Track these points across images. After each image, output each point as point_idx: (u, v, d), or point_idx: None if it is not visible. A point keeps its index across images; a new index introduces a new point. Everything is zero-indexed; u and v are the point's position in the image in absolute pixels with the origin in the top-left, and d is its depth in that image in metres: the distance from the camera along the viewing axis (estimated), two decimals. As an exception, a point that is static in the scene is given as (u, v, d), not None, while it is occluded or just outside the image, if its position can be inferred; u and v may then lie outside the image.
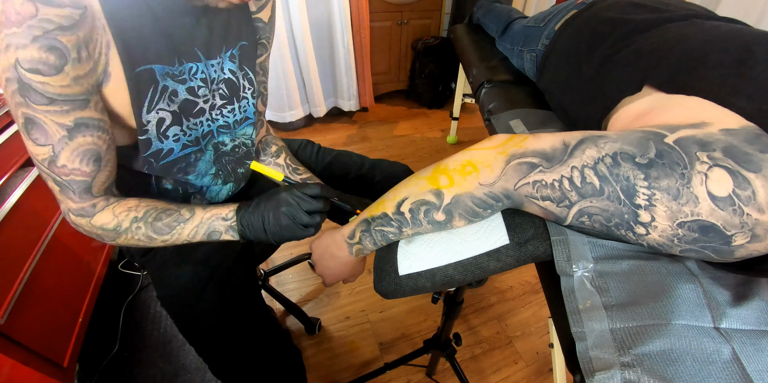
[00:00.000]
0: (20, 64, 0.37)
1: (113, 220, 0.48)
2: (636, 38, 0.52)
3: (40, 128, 0.40)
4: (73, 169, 0.44)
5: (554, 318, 0.45)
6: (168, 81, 0.50)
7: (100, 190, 0.48)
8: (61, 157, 0.42)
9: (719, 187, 0.29)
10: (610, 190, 0.33)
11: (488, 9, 1.30)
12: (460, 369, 0.98)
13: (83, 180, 0.45)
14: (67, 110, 0.41)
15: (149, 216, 0.49)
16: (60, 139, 0.41)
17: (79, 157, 0.44)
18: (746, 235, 0.29)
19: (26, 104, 0.39)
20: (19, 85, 0.38)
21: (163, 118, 0.51)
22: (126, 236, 0.49)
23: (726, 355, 0.31)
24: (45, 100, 0.39)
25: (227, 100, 0.59)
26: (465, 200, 0.41)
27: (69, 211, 0.48)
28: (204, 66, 0.54)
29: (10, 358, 0.72)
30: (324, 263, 0.54)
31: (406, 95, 2.70)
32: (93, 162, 0.45)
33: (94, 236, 0.50)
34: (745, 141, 0.30)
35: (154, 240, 0.49)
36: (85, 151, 0.44)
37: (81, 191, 0.46)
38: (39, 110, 0.39)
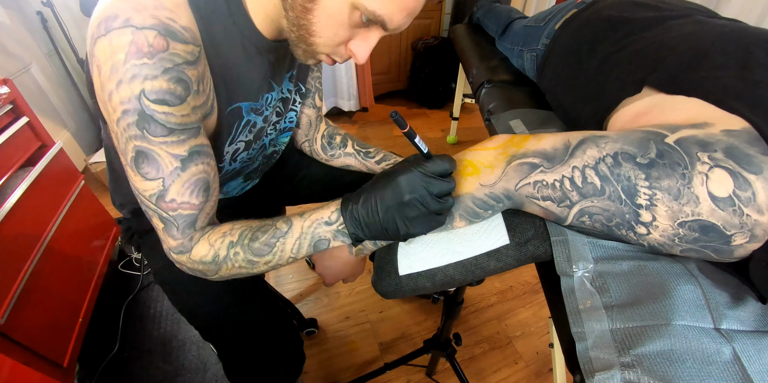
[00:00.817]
0: (146, 95, 0.36)
1: (210, 250, 0.44)
2: (637, 37, 0.52)
3: (152, 161, 0.39)
4: (182, 202, 0.42)
5: (554, 318, 0.45)
6: (251, 115, 0.52)
7: (204, 222, 0.45)
8: (171, 190, 0.40)
9: (720, 188, 0.29)
10: (611, 189, 0.33)
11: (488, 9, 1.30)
12: (460, 369, 0.98)
13: (190, 213, 0.43)
14: (183, 140, 0.40)
15: (245, 238, 0.44)
16: (172, 171, 0.40)
17: (189, 189, 0.42)
18: (745, 235, 0.30)
19: (142, 137, 0.38)
20: (139, 117, 0.37)
21: (239, 148, 0.54)
22: (227, 266, 0.44)
23: (726, 356, 0.31)
24: (165, 130, 0.38)
25: (280, 116, 0.61)
26: (465, 200, 0.41)
27: (170, 250, 0.45)
28: (276, 93, 0.56)
29: (10, 358, 0.72)
30: (324, 262, 0.54)
31: (406, 95, 2.70)
32: (203, 192, 0.43)
33: (199, 274, 0.46)
34: (747, 142, 0.30)
35: (256, 264, 0.44)
36: (196, 180, 0.42)
37: (185, 226, 0.43)
38: (155, 142, 0.38)
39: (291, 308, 1.16)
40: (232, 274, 0.45)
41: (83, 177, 1.15)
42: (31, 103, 1.03)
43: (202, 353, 1.08)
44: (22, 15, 1.64)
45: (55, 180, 1.03)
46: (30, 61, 1.64)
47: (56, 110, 1.76)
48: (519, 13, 1.17)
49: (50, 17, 1.67)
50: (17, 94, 0.97)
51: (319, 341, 1.15)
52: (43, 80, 1.69)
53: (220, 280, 0.47)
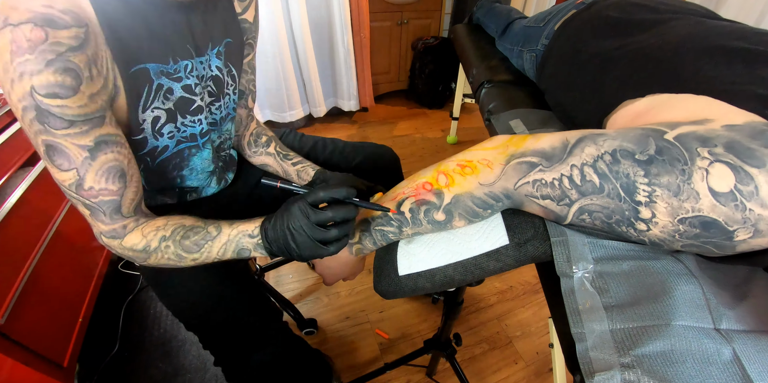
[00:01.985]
0: (36, 91, 0.36)
1: (142, 241, 0.47)
2: (638, 37, 0.52)
3: (62, 153, 0.40)
4: (101, 189, 0.43)
5: (554, 319, 0.45)
6: (163, 79, 0.50)
7: (129, 209, 0.47)
8: (86, 179, 0.42)
9: (720, 183, 0.29)
10: (610, 187, 0.33)
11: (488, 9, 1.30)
12: (460, 369, 0.98)
13: (112, 199, 0.45)
14: (86, 130, 0.40)
15: (177, 235, 0.47)
16: (83, 160, 0.41)
17: (104, 177, 0.43)
18: (749, 231, 0.29)
19: (45, 131, 0.38)
20: (36, 113, 0.37)
21: (158, 116, 0.51)
22: (156, 256, 0.47)
23: (726, 356, 0.31)
24: (64, 123, 0.39)
25: (215, 98, 0.59)
26: (465, 200, 0.41)
27: (101, 234, 0.47)
28: (197, 63, 0.54)
29: (10, 358, 0.72)
30: (324, 262, 0.54)
31: (406, 95, 2.70)
32: (118, 178, 0.44)
33: (126, 258, 0.49)
34: (749, 136, 0.29)
35: (184, 259, 0.47)
36: (108, 168, 0.43)
37: (111, 212, 0.45)
38: (59, 135, 0.39)
39: (291, 308, 1.16)
40: (159, 263, 0.48)
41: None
42: (31, 103, 1.03)
43: (202, 353, 1.08)
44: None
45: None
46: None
47: (56, 110, 1.76)
48: (519, 13, 1.17)
49: (50, 17, 1.67)
50: (17, 94, 0.97)
51: (319, 341, 1.15)
52: (43, 80, 1.69)
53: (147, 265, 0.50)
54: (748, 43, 0.39)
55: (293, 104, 2.15)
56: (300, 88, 2.14)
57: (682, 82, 0.39)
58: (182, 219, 0.49)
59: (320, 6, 1.93)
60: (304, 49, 1.99)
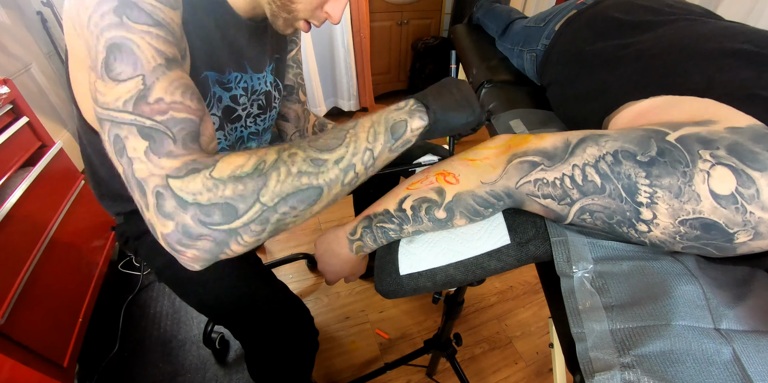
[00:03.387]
0: None
1: (251, 158, 0.31)
2: (642, 37, 0.52)
3: (129, 55, 0.30)
4: (174, 102, 0.31)
5: (554, 319, 0.45)
6: (217, 87, 0.53)
7: (209, 146, 0.34)
8: (155, 88, 0.30)
9: (722, 185, 0.29)
10: (612, 187, 0.33)
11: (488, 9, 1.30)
12: (461, 369, 0.98)
13: (188, 118, 0.31)
14: (170, 41, 0.33)
15: (302, 142, 0.34)
16: (156, 67, 0.31)
17: (180, 90, 0.32)
18: (749, 233, 0.29)
19: (120, 24, 0.30)
20: (119, 3, 0.31)
21: (213, 122, 0.52)
22: (278, 174, 0.30)
23: (726, 356, 0.31)
24: (150, 20, 0.31)
25: (263, 110, 0.63)
26: (466, 198, 0.41)
27: (168, 179, 0.29)
28: (249, 77, 0.57)
29: (10, 358, 0.72)
30: (325, 260, 0.54)
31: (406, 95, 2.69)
32: (198, 100, 0.33)
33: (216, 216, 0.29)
34: (751, 139, 0.29)
35: (323, 164, 0.32)
36: (186, 84, 0.33)
37: (186, 136, 0.31)
38: (137, 30, 0.31)
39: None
40: (284, 193, 0.30)
41: (83, 177, 1.15)
42: (31, 103, 1.03)
43: (202, 353, 1.08)
44: (22, 15, 1.64)
45: (55, 180, 1.03)
46: (30, 61, 1.64)
47: (56, 110, 1.76)
48: (519, 13, 1.17)
49: (50, 17, 1.67)
50: (17, 94, 0.97)
51: (320, 341, 1.14)
52: (43, 80, 1.69)
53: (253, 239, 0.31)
54: (754, 46, 0.39)
55: (293, 104, 2.15)
56: (300, 88, 2.14)
57: (687, 85, 0.39)
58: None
59: (320, 6, 1.94)
60: (305, 49, 1.99)
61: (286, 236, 1.50)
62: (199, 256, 0.30)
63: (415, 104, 0.42)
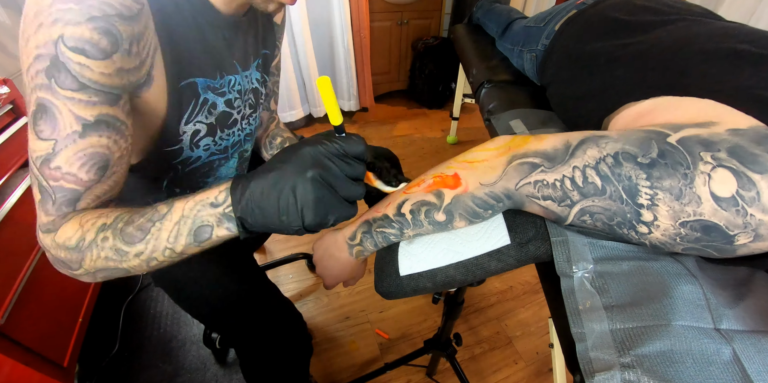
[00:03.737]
0: (64, 41, 0.32)
1: (77, 232, 0.36)
2: (643, 37, 0.52)
3: (50, 118, 0.34)
4: (67, 173, 0.36)
5: (554, 319, 0.45)
6: (209, 94, 0.50)
7: (89, 205, 0.39)
8: (59, 156, 0.35)
9: (722, 188, 0.29)
10: (612, 189, 0.33)
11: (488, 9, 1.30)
12: (461, 369, 0.98)
13: (72, 188, 0.37)
14: (94, 102, 0.35)
15: (119, 221, 0.36)
16: (69, 135, 0.35)
17: (80, 161, 0.36)
18: (749, 235, 0.29)
19: (48, 87, 0.33)
20: (50, 63, 0.33)
21: (199, 130, 0.51)
22: (91, 255, 0.36)
23: (726, 356, 0.31)
24: (75, 84, 0.34)
25: (253, 109, 0.61)
26: (466, 200, 0.41)
27: (39, 228, 0.38)
28: (240, 77, 0.55)
29: (10, 358, 0.72)
30: (324, 264, 0.54)
31: (406, 95, 2.70)
32: (97, 169, 0.38)
33: (60, 265, 0.39)
34: (753, 141, 0.29)
35: (125, 255, 0.36)
36: (92, 153, 0.36)
37: (62, 202, 0.37)
38: (60, 96, 0.34)
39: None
40: (97, 268, 0.37)
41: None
42: (31, 103, 1.03)
43: (202, 353, 1.08)
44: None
45: (55, 180, 1.03)
46: (30, 61, 1.64)
47: (56, 110, 1.76)
48: (519, 13, 1.17)
49: (50, 17, 1.67)
50: (17, 94, 0.97)
51: (320, 341, 1.15)
52: (43, 80, 1.69)
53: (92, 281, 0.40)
54: (754, 46, 0.39)
55: (293, 104, 2.15)
56: (300, 87, 2.14)
57: (688, 86, 0.39)
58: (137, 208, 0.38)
59: (320, 6, 1.93)
60: (304, 49, 1.99)
61: (285, 236, 1.50)
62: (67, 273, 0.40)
63: (229, 207, 0.35)
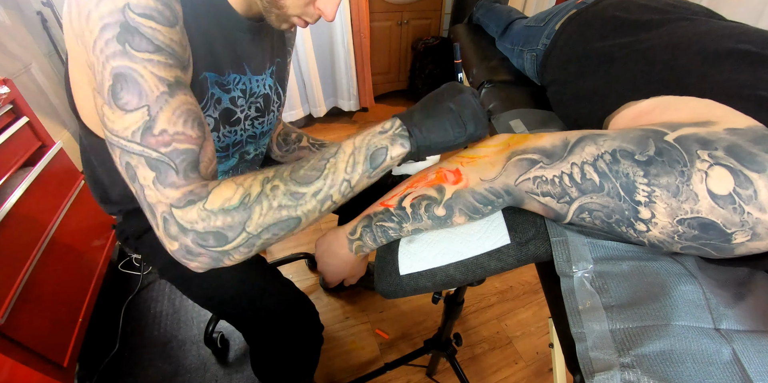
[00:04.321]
0: (131, 8, 0.33)
1: (237, 190, 0.34)
2: (643, 37, 0.52)
3: (134, 85, 0.33)
4: (176, 133, 0.34)
5: (554, 319, 0.45)
6: (216, 89, 0.51)
7: (208, 170, 0.37)
8: (159, 119, 0.33)
9: (719, 186, 0.29)
10: (610, 186, 0.33)
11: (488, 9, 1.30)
12: (461, 369, 0.98)
13: (189, 148, 0.34)
14: (171, 64, 0.35)
15: (284, 171, 0.37)
16: (159, 96, 0.33)
17: (182, 118, 0.34)
18: (746, 234, 0.29)
19: (123, 53, 0.32)
20: (121, 30, 0.32)
21: (208, 124, 0.52)
22: (261, 208, 0.34)
23: (726, 356, 0.31)
24: (151, 46, 0.33)
25: (260, 113, 0.62)
26: (466, 195, 0.41)
27: (172, 208, 0.33)
28: (247, 79, 0.56)
29: (10, 358, 0.72)
30: (325, 260, 0.54)
31: (406, 95, 2.70)
32: (198, 125, 0.36)
33: (211, 241, 0.34)
34: (751, 140, 0.30)
35: (302, 197, 0.35)
36: (188, 110, 0.35)
37: (187, 166, 0.34)
38: (138, 59, 0.33)
39: None
40: (266, 224, 0.35)
41: (83, 177, 1.15)
42: (31, 103, 1.03)
43: (202, 353, 1.08)
44: (22, 15, 1.64)
45: (55, 180, 1.03)
46: (30, 61, 1.64)
47: (56, 110, 1.76)
48: (519, 13, 1.17)
49: (50, 17, 1.67)
50: (17, 94, 0.97)
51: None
52: (43, 80, 1.69)
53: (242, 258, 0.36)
54: (755, 46, 0.39)
55: (293, 104, 2.15)
56: (300, 88, 2.14)
57: (688, 86, 0.39)
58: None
59: (320, 6, 1.93)
60: (304, 49, 1.99)
61: (286, 236, 1.51)
62: (200, 266, 0.36)
63: (399, 128, 0.39)
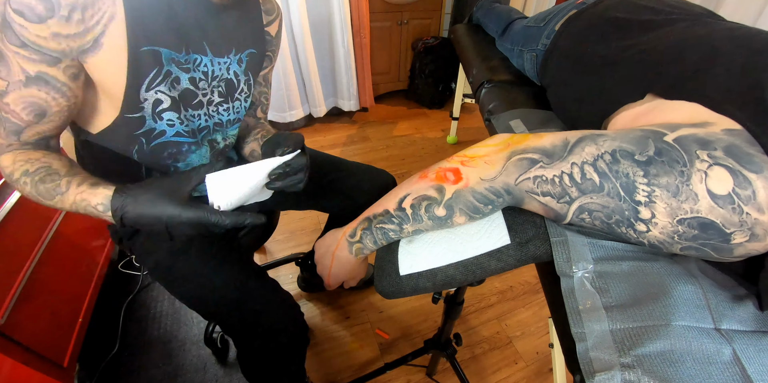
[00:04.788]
0: (10, 3, 0.38)
1: (10, 167, 0.46)
2: (642, 39, 0.52)
3: (5, 64, 0.41)
4: (12, 110, 0.44)
5: (554, 319, 0.45)
6: (172, 66, 0.51)
7: (30, 138, 0.48)
8: (9, 95, 0.43)
9: (719, 186, 0.29)
10: (610, 186, 0.33)
11: (488, 9, 1.30)
12: (461, 369, 0.98)
13: (15, 123, 0.45)
14: (33, 59, 0.41)
15: (37, 175, 0.46)
16: (16, 81, 0.42)
17: (21, 105, 0.44)
18: (745, 234, 0.30)
19: (1, 39, 0.40)
20: (2, 20, 0.39)
21: (160, 100, 0.52)
22: (19, 187, 0.46)
23: (726, 356, 0.31)
24: (18, 42, 0.40)
25: (224, 99, 0.61)
26: (466, 195, 0.41)
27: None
28: (209, 61, 0.56)
29: (10, 358, 0.72)
30: (325, 263, 0.54)
31: (406, 95, 2.70)
32: (35, 115, 0.45)
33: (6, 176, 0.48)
34: (748, 141, 0.30)
35: (41, 201, 0.46)
36: (32, 102, 0.44)
37: (9, 131, 0.46)
38: (10, 49, 0.40)
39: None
40: (26, 194, 0.46)
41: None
42: (31, 103, 1.03)
43: (202, 353, 1.08)
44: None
45: (55, 180, 1.03)
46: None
47: (56, 110, 1.76)
48: (519, 13, 1.17)
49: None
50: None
51: (320, 341, 1.15)
52: (43, 80, 1.69)
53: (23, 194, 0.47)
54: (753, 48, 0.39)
55: (293, 104, 2.15)
56: (300, 88, 2.14)
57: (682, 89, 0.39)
58: (56, 160, 0.48)
59: (320, 6, 1.93)
60: (304, 49, 1.99)
61: (285, 236, 1.50)
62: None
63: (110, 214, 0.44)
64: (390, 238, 0.47)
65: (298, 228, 1.54)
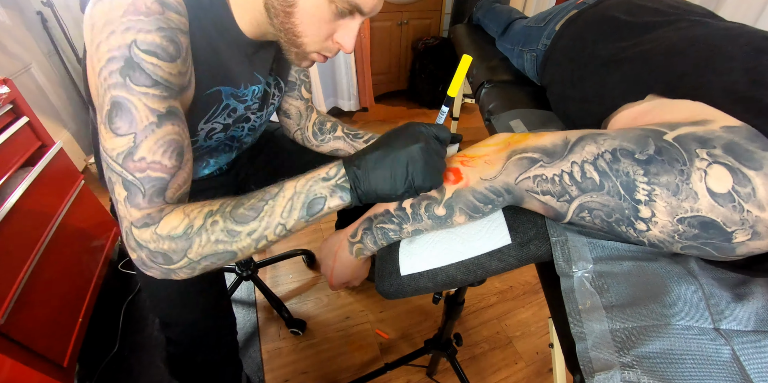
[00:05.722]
0: (137, 45, 0.37)
1: (183, 220, 0.37)
2: (642, 39, 0.52)
3: (127, 113, 0.37)
4: (153, 162, 0.38)
5: (554, 319, 0.45)
6: (231, 100, 0.56)
7: (175, 195, 0.41)
8: (141, 147, 0.38)
9: (718, 184, 0.29)
10: (610, 184, 0.33)
11: (488, 9, 1.30)
12: (461, 369, 0.98)
13: (160, 177, 0.39)
14: (165, 96, 0.40)
15: (227, 206, 0.39)
16: (146, 126, 0.38)
17: (162, 148, 0.39)
18: (747, 232, 0.30)
19: (123, 85, 0.37)
20: (124, 64, 0.37)
21: (215, 128, 0.57)
22: (200, 240, 0.37)
23: (726, 356, 0.31)
24: (149, 81, 0.38)
25: (259, 107, 0.65)
26: (466, 194, 0.41)
27: (132, 226, 0.38)
28: (262, 86, 0.61)
29: (10, 358, 0.72)
30: (327, 263, 0.54)
31: (406, 95, 2.70)
32: (176, 155, 0.40)
33: (160, 260, 0.38)
34: (747, 138, 0.30)
35: (237, 235, 0.37)
36: (170, 140, 0.40)
37: (153, 193, 0.39)
38: (135, 92, 0.37)
39: (282, 307, 1.17)
40: (204, 254, 0.38)
41: (83, 177, 1.15)
42: (31, 103, 1.03)
43: (202, 353, 1.08)
44: (22, 15, 1.64)
45: (55, 180, 1.03)
46: (30, 61, 1.64)
47: (56, 110, 1.76)
48: (519, 13, 1.17)
49: (50, 17, 1.67)
50: (17, 94, 0.97)
51: (320, 341, 1.15)
52: (43, 80, 1.69)
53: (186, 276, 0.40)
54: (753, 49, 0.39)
55: (293, 104, 2.15)
56: (300, 88, 2.14)
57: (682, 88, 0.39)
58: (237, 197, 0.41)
59: (320, 6, 1.93)
60: (304, 49, 1.99)
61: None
62: (154, 275, 0.41)
63: (342, 178, 0.38)
64: (390, 238, 0.47)
65: (298, 228, 1.54)
